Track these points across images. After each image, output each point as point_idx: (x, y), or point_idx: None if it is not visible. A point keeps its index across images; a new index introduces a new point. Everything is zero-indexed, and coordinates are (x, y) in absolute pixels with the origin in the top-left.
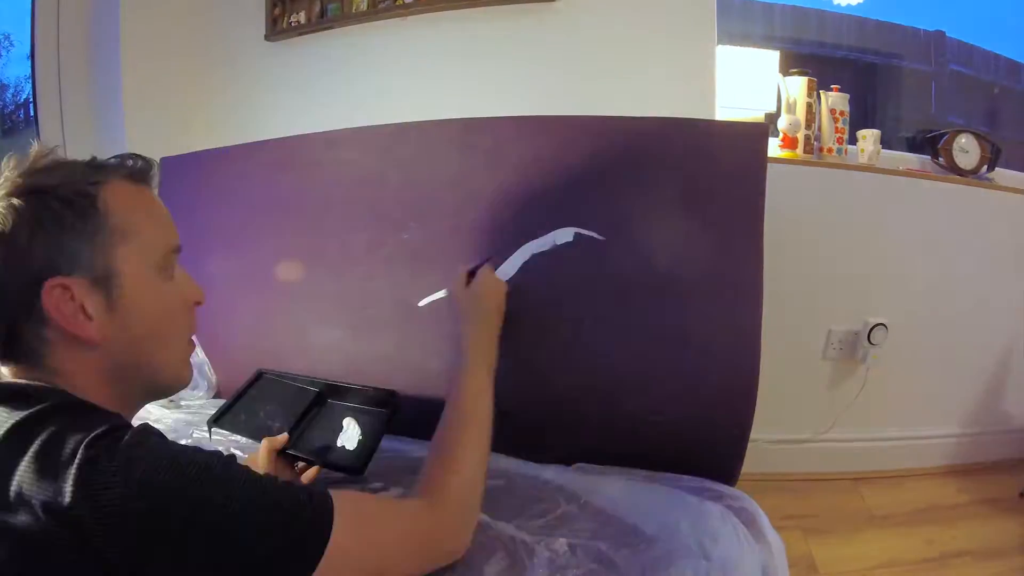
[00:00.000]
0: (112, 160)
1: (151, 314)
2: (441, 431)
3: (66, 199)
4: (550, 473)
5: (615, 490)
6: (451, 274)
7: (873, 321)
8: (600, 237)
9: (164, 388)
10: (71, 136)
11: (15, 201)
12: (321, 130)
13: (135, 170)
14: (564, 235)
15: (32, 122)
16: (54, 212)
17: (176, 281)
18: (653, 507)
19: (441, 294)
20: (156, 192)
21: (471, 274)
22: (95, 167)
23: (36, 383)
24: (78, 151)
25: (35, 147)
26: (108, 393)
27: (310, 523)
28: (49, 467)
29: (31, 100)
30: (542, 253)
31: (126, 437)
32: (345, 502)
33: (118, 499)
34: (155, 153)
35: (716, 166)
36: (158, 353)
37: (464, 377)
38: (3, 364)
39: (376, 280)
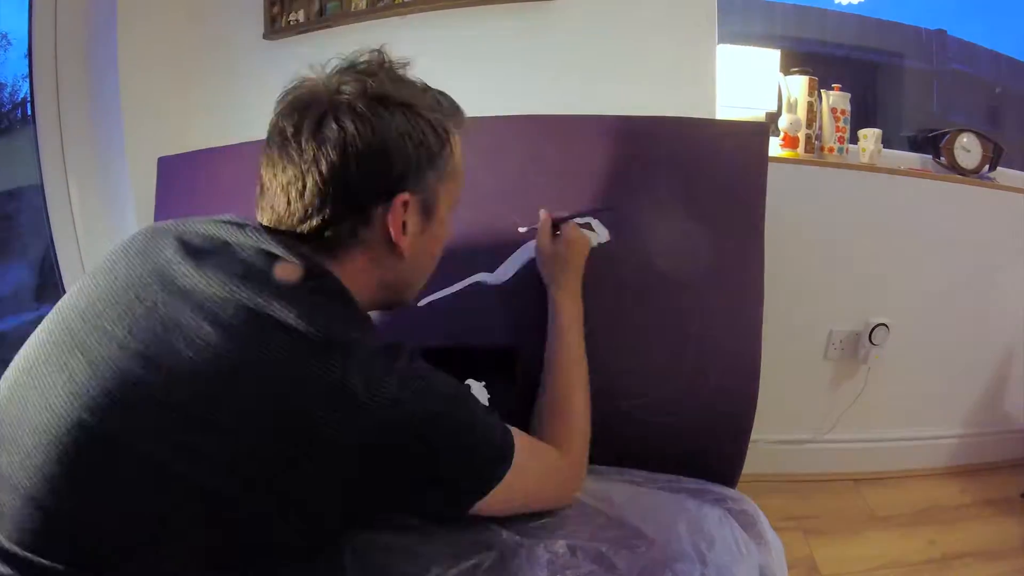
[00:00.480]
0: (445, 101)
1: (438, 243)
2: (551, 383)
3: (434, 128)
4: None
5: (615, 491)
6: (448, 274)
7: (874, 321)
8: (598, 234)
9: (401, 303)
10: (69, 134)
11: (389, 108)
12: None
13: (464, 122)
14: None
15: (29, 120)
16: (422, 133)
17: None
18: (653, 509)
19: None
20: None
21: (555, 225)
22: (440, 101)
23: (318, 268)
24: (76, 150)
25: (383, 50)
26: (367, 297)
27: (505, 456)
28: (335, 344)
29: (28, 99)
30: None
31: (408, 350)
32: (520, 440)
33: (393, 392)
34: (153, 152)
35: (717, 166)
36: (424, 276)
37: (562, 329)
38: (293, 235)
39: None
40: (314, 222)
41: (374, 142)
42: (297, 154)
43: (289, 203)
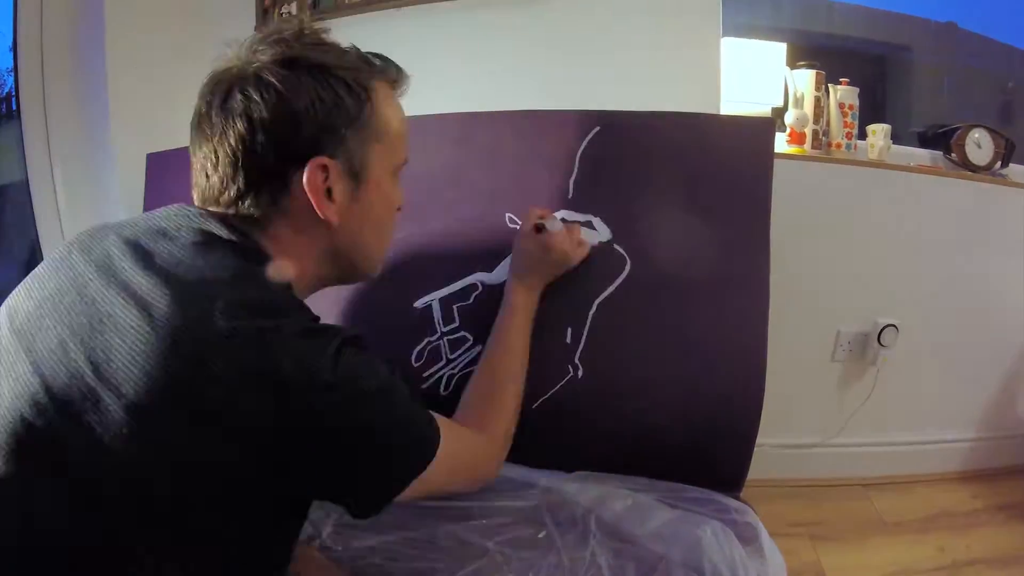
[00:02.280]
0: (376, 60)
1: (379, 210)
2: (487, 370)
3: (347, 84)
4: (546, 480)
5: (614, 500)
6: (444, 273)
7: (883, 322)
8: (599, 233)
9: (358, 277)
10: (55, 129)
11: (297, 72)
12: None
13: (397, 78)
14: None
15: (15, 115)
16: (335, 94)
17: (398, 186)
18: (651, 521)
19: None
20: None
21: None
22: (366, 60)
23: (248, 241)
24: (63, 145)
25: (303, 18)
26: (310, 271)
27: (432, 444)
28: (266, 332)
29: (14, 93)
30: None
31: (343, 334)
32: (443, 429)
33: (325, 377)
34: (141, 148)
35: (721, 162)
36: (372, 245)
37: (507, 318)
38: (222, 213)
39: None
40: (230, 194)
41: (279, 107)
42: (209, 129)
43: (207, 178)
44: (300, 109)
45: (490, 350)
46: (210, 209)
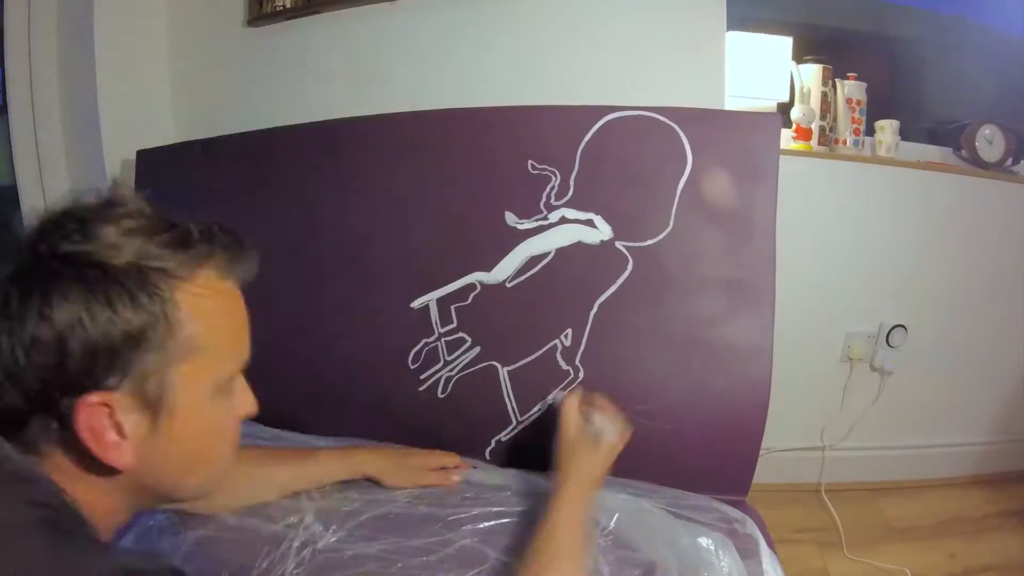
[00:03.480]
0: (196, 234)
1: (196, 438)
2: (535, 550)
3: (133, 294)
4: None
5: (616, 507)
6: (441, 273)
7: (892, 323)
8: (600, 231)
9: (178, 501)
10: (42, 127)
11: (67, 276)
12: (308, 121)
13: (227, 256)
14: (564, 237)
15: (2, 112)
16: (114, 307)
17: (233, 396)
18: (650, 530)
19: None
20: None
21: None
22: (176, 244)
23: (36, 476)
24: (51, 142)
25: (115, 179)
26: (109, 504)
27: None
28: None
29: (1, 89)
30: (541, 255)
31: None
32: None
33: None
34: (130, 145)
35: (725, 159)
36: (190, 476)
37: (557, 522)
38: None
39: (374, 282)
40: None
41: (46, 323)
42: None
43: None
44: (67, 325)
45: (540, 534)
46: None
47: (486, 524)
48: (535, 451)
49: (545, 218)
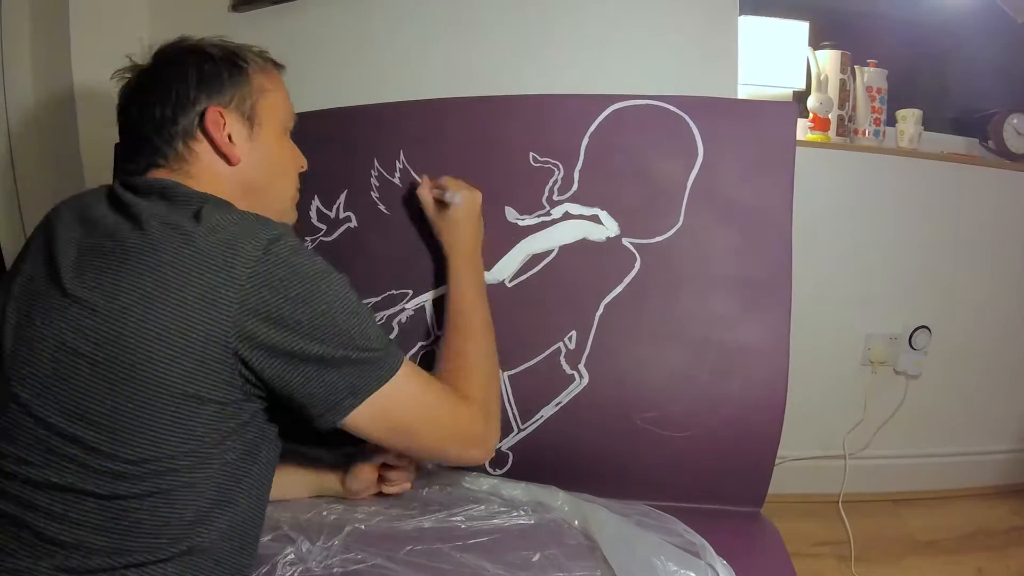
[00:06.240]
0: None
1: (275, 154)
2: (449, 342)
3: (223, 60)
4: (549, 498)
5: (611, 529)
6: (438, 272)
7: (915, 324)
8: (606, 227)
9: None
10: (15, 120)
11: (183, 59)
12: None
13: (274, 61)
14: (568, 233)
15: None
16: (215, 67)
17: (294, 147)
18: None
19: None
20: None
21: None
22: (241, 51)
23: (187, 186)
24: (26, 137)
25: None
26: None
27: (390, 356)
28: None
29: None
30: (544, 253)
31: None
32: (413, 367)
33: (272, 260)
34: (110, 141)
35: (739, 150)
36: (275, 184)
37: (459, 293)
38: (154, 166)
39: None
40: (146, 152)
41: (180, 83)
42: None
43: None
44: (192, 82)
45: (451, 332)
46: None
47: (486, 538)
48: (538, 461)
49: (548, 214)
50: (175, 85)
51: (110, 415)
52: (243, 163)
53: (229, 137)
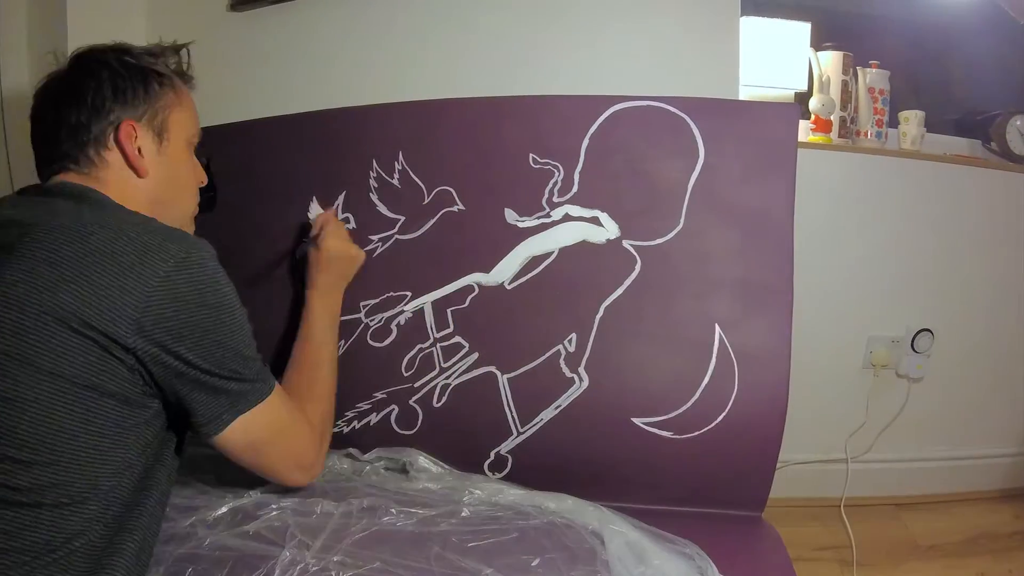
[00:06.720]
0: (168, 55)
1: (180, 169)
2: (301, 369)
3: (137, 73)
4: (548, 503)
5: (613, 536)
6: (437, 274)
7: (918, 327)
8: (606, 229)
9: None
10: (10, 115)
11: (99, 69)
12: (294, 111)
13: (185, 76)
14: (568, 235)
15: None
16: (129, 81)
17: (197, 164)
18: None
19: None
20: None
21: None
22: (156, 68)
23: (97, 190)
24: (20, 134)
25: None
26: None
27: (263, 378)
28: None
29: None
30: (543, 255)
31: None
32: (280, 390)
33: (184, 277)
34: None
35: (739, 152)
36: (179, 198)
37: (309, 330)
38: (64, 170)
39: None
40: (57, 156)
41: (96, 95)
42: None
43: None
44: (108, 93)
45: (298, 364)
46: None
47: (486, 542)
48: (537, 464)
49: (548, 215)
50: (90, 93)
51: (8, 405)
52: (150, 176)
53: (139, 150)
